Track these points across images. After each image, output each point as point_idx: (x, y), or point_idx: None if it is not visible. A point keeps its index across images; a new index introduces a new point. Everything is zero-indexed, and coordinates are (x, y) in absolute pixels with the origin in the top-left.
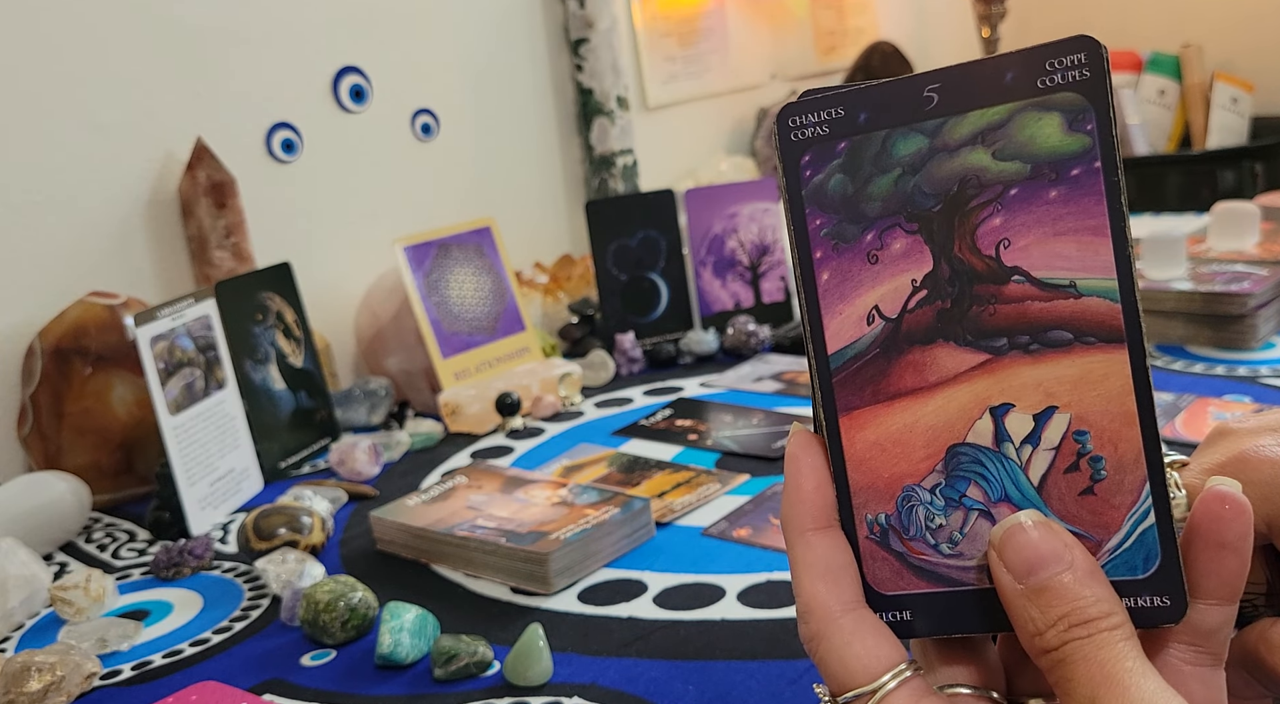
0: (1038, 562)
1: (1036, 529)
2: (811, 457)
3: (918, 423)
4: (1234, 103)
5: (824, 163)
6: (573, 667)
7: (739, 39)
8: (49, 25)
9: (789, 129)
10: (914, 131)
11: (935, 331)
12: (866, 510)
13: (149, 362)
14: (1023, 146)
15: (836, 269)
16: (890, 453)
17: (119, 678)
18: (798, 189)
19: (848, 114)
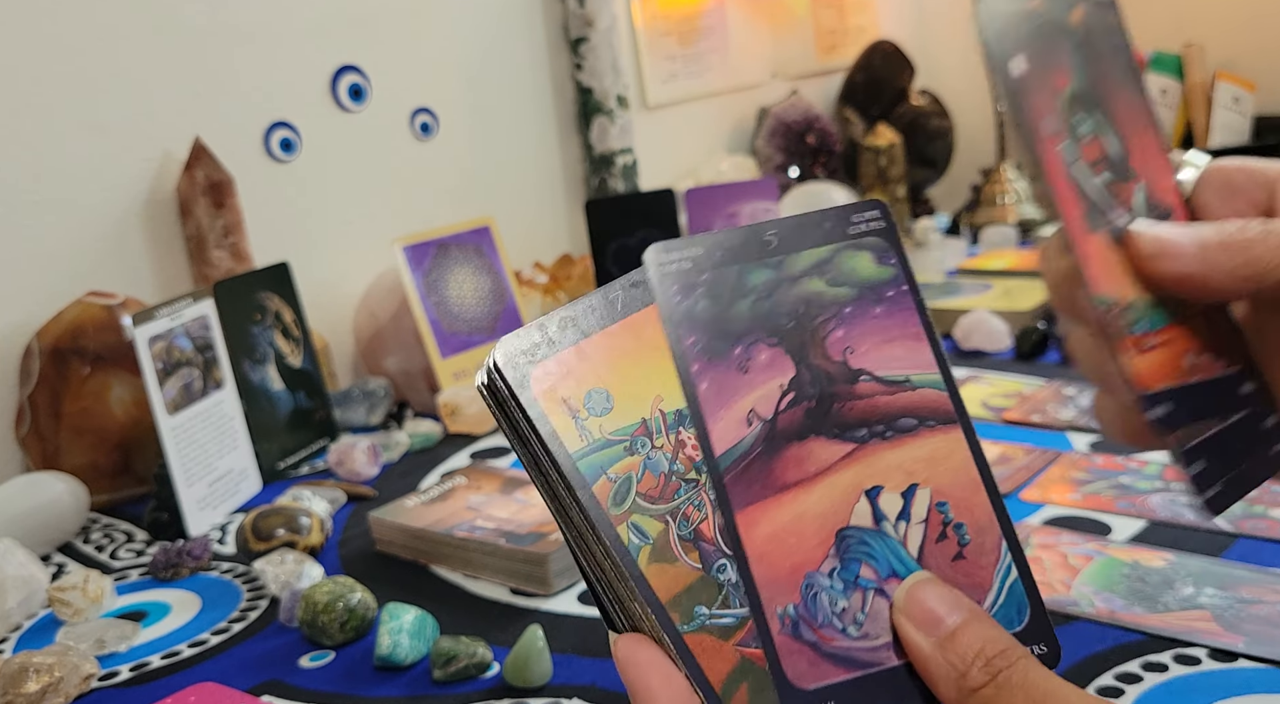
0: (943, 611)
1: (932, 584)
2: (646, 653)
3: (806, 512)
4: (1236, 102)
5: (691, 291)
6: (572, 668)
7: (739, 38)
8: (47, 25)
9: (659, 264)
10: (762, 266)
11: (807, 428)
12: (776, 604)
13: (147, 362)
14: (848, 275)
15: (713, 379)
16: (787, 543)
17: (117, 679)
18: (670, 313)
19: (706, 253)
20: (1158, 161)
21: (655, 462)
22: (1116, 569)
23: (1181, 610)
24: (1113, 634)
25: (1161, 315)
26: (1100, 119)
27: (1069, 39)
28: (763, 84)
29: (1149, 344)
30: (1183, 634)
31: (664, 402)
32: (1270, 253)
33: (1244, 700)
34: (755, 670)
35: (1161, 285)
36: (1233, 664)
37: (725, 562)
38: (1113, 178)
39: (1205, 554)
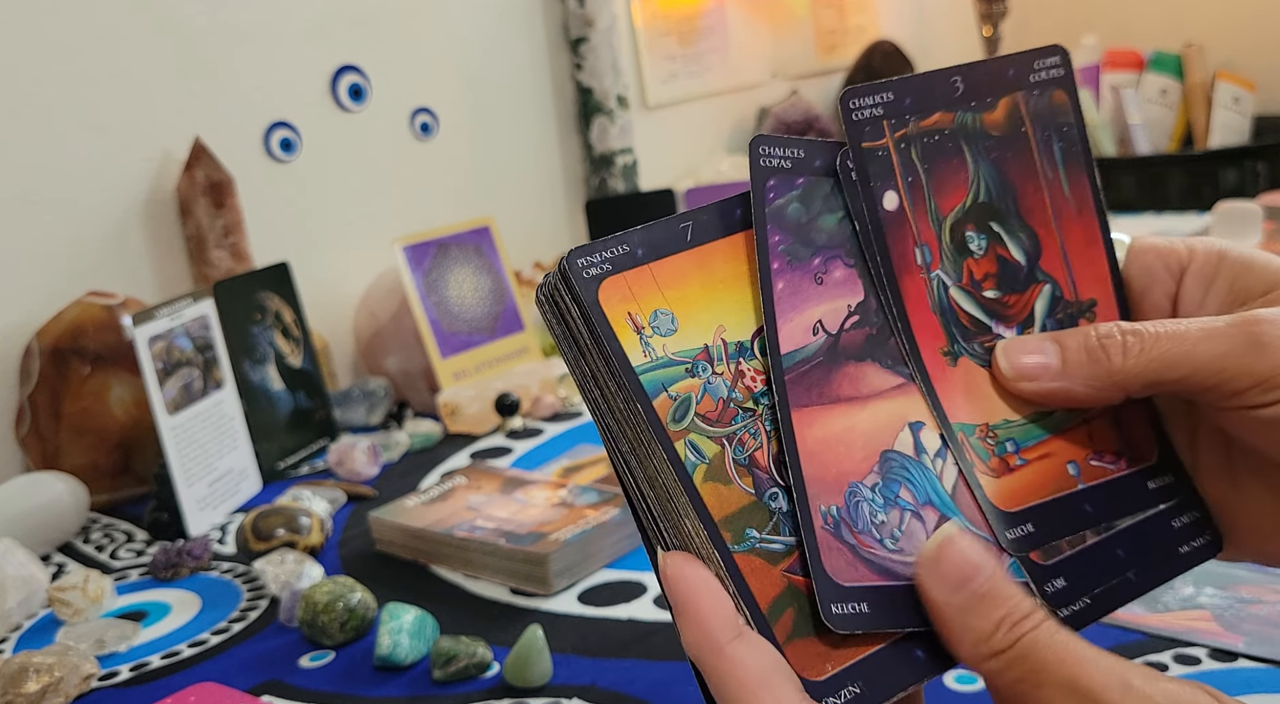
0: (971, 570)
1: (964, 539)
2: (695, 569)
3: (855, 427)
4: (1236, 102)
5: (785, 191)
6: (572, 668)
7: (739, 38)
8: (47, 25)
9: (758, 155)
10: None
11: (865, 352)
12: (820, 501)
13: (147, 362)
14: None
15: (789, 282)
16: (835, 450)
17: (117, 679)
18: (762, 207)
19: (806, 157)
20: (1086, 252)
21: (715, 387)
22: None
23: (1181, 610)
24: (1113, 634)
25: (1040, 429)
26: (1005, 225)
27: (977, 145)
28: (763, 84)
29: (1018, 463)
30: (1183, 634)
31: (726, 332)
32: (1132, 363)
33: (1244, 700)
34: (801, 598)
35: (1032, 403)
36: (1233, 664)
37: (777, 490)
38: (1007, 290)
39: None
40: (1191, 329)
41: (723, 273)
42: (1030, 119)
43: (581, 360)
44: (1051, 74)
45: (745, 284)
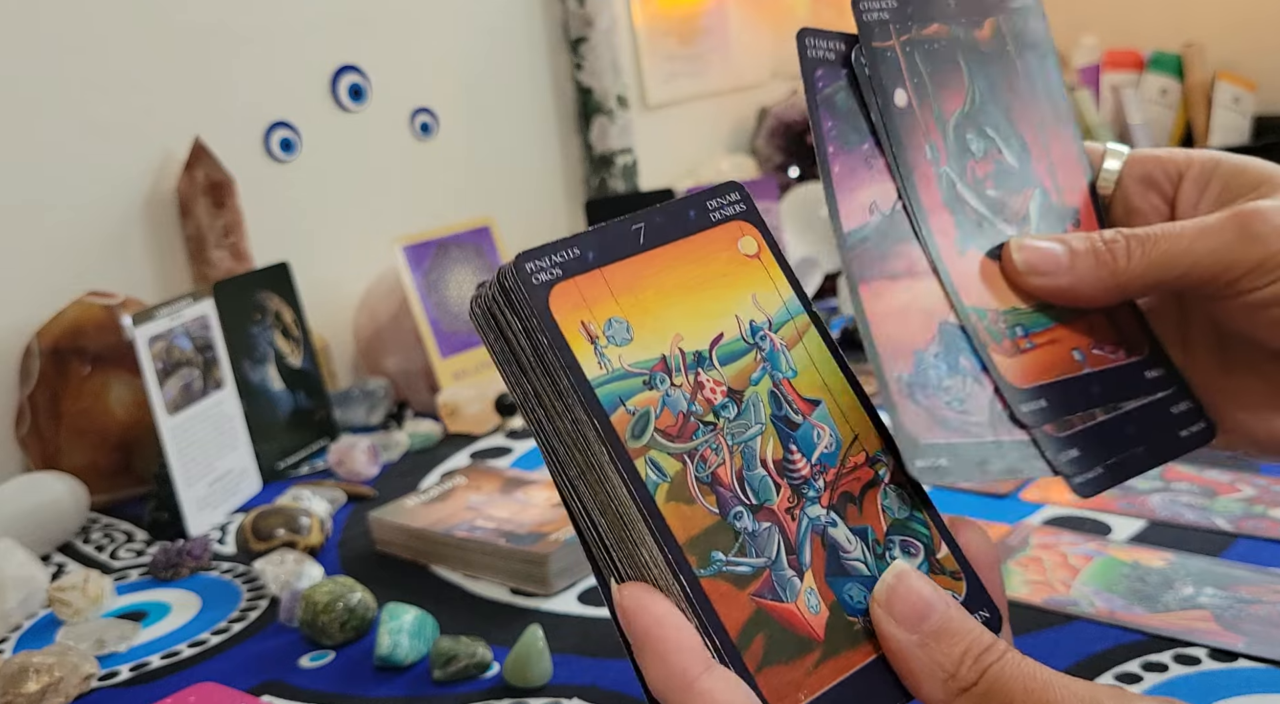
0: (926, 607)
1: (916, 576)
2: (655, 601)
3: (914, 300)
4: (1236, 102)
5: (831, 80)
6: (572, 668)
7: (739, 38)
8: (47, 24)
9: (806, 47)
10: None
11: (912, 231)
12: (892, 368)
13: (147, 362)
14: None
15: (845, 164)
16: (899, 321)
17: (117, 679)
18: (814, 94)
19: (849, 50)
20: (1067, 164)
21: (674, 400)
22: (1116, 569)
23: (1181, 610)
24: (1113, 634)
25: (1046, 318)
26: (1000, 131)
27: (971, 56)
28: (763, 84)
29: (1027, 346)
30: (1183, 634)
31: (684, 341)
32: (1135, 264)
33: (1244, 700)
34: (771, 623)
35: (1037, 297)
36: (1233, 664)
37: (742, 509)
38: (1005, 191)
39: (1205, 554)
40: (1187, 228)
41: (678, 277)
42: (1011, 39)
43: (524, 378)
44: (1024, 3)
45: (703, 289)
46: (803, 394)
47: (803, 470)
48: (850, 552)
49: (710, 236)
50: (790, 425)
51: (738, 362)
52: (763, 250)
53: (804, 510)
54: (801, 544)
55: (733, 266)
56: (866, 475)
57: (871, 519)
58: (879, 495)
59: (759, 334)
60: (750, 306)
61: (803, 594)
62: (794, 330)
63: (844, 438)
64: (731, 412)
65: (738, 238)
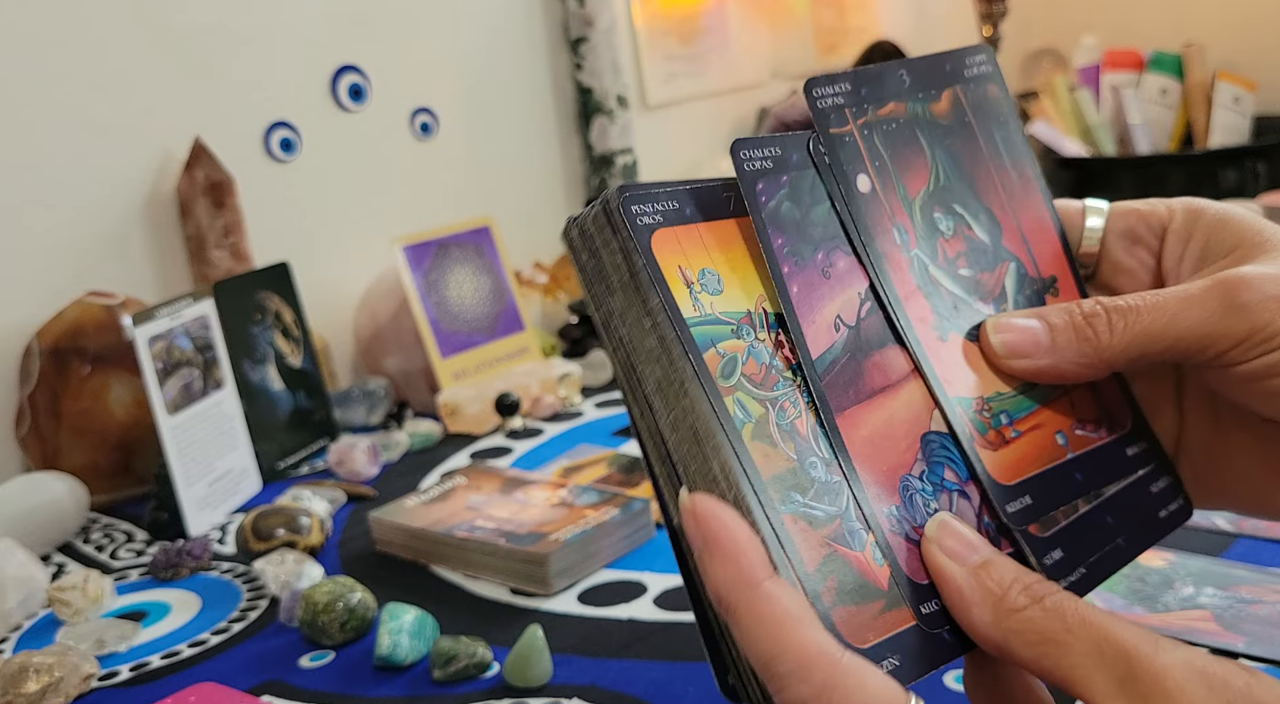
0: (974, 543)
1: (960, 522)
2: (724, 511)
3: (894, 416)
4: (1236, 102)
5: (774, 191)
6: (572, 668)
7: (739, 38)
8: (46, 24)
9: (741, 160)
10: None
11: (885, 336)
12: (881, 505)
13: (147, 362)
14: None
15: (802, 283)
16: (881, 447)
17: (117, 679)
18: (759, 213)
19: (784, 153)
20: (1039, 231)
21: (759, 351)
22: None
23: (1181, 610)
24: None
25: (1029, 400)
26: (967, 207)
27: (931, 132)
28: (763, 84)
29: (1012, 435)
30: (1183, 634)
31: (766, 302)
32: (1118, 340)
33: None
34: (843, 565)
35: (1020, 379)
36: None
37: (816, 459)
38: (978, 268)
39: (1205, 554)
40: (1170, 300)
41: (759, 249)
42: (971, 110)
43: (609, 298)
44: (981, 70)
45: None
46: None
47: None
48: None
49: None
50: None
51: None
52: None
53: None
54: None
55: None
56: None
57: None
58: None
59: None
60: None
61: (869, 546)
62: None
63: None
64: (809, 391)
65: None
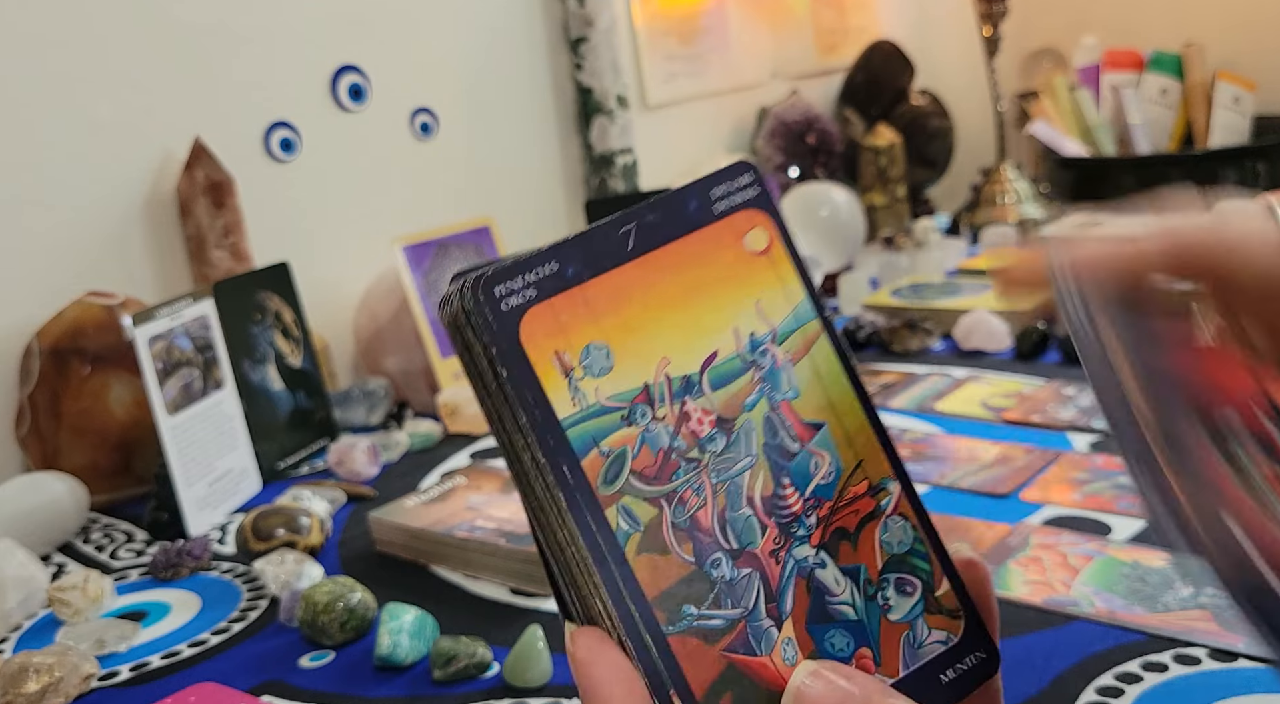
0: (846, 689)
1: (816, 680)
2: (608, 654)
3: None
4: (1236, 102)
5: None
6: None
7: (739, 38)
8: (45, 23)
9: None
10: None
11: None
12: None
13: (147, 362)
14: None
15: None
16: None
17: (117, 679)
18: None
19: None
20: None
21: (655, 435)
22: (1116, 569)
23: (1181, 610)
24: (1113, 634)
25: None
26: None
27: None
28: (763, 84)
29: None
30: (1182, 634)
31: (671, 365)
32: None
33: (1244, 700)
34: (741, 680)
35: None
36: (1233, 664)
37: (720, 555)
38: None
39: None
40: None
41: (671, 287)
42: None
43: (488, 399)
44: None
45: (700, 298)
46: (804, 417)
47: (794, 507)
48: (838, 595)
49: (713, 233)
50: (785, 455)
51: (732, 384)
52: (774, 245)
53: (790, 551)
54: (784, 591)
55: (737, 267)
56: (867, 507)
57: (866, 556)
58: (878, 529)
59: (759, 349)
60: (753, 315)
61: (779, 645)
62: (802, 340)
63: (845, 465)
64: (720, 444)
65: (745, 231)
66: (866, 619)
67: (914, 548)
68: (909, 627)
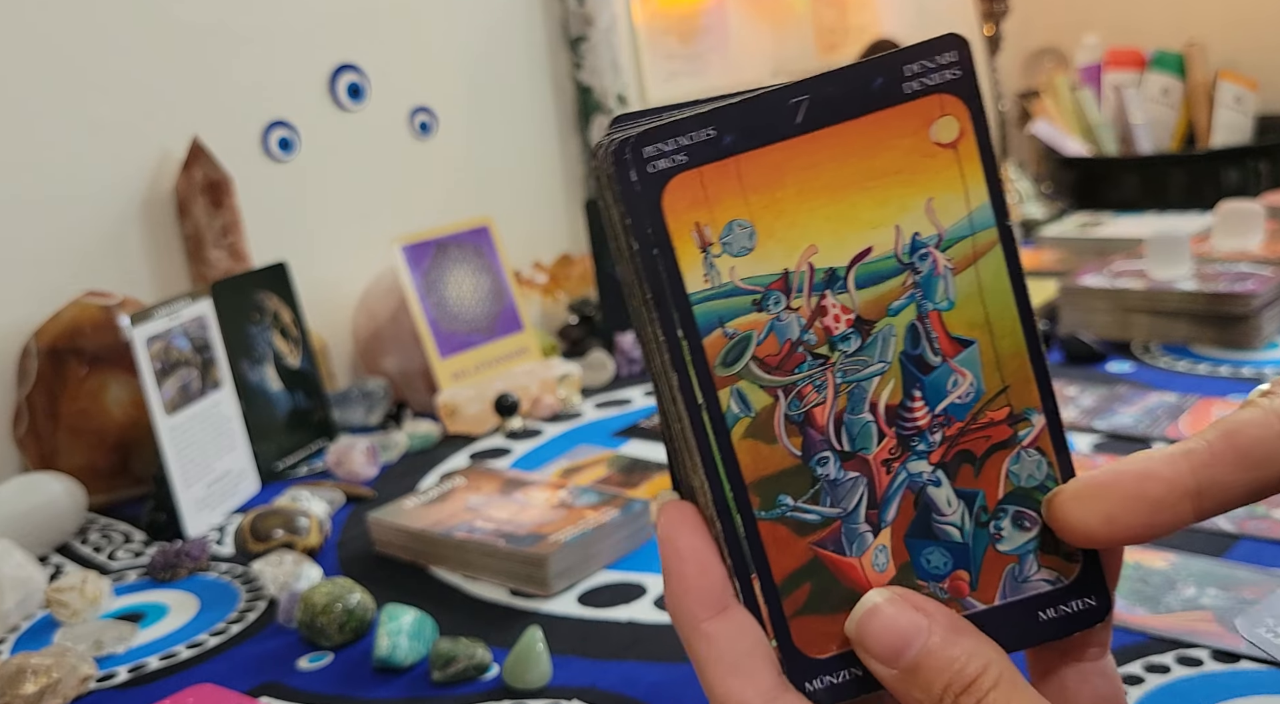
0: (901, 641)
1: (889, 607)
2: (687, 534)
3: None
4: (1238, 101)
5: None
6: (572, 670)
7: (739, 37)
8: (44, 23)
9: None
10: None
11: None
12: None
13: (144, 362)
14: None
15: None
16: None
17: (115, 680)
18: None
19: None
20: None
21: (785, 325)
22: None
23: (1183, 611)
24: (1116, 636)
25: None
26: None
27: None
28: (763, 83)
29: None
30: (1184, 635)
31: (818, 255)
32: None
33: (1246, 701)
34: (823, 574)
35: None
36: (1235, 665)
37: (829, 454)
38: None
39: (1207, 555)
40: None
41: (835, 172)
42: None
43: (620, 263)
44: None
45: (864, 188)
46: (952, 331)
47: (920, 421)
48: (946, 515)
49: (895, 115)
50: (923, 367)
51: (880, 285)
52: (964, 137)
53: (905, 464)
54: (889, 500)
55: (914, 158)
56: (1001, 435)
57: (988, 483)
58: (1008, 459)
59: (920, 252)
60: (921, 214)
61: (871, 551)
62: (971, 249)
63: (988, 388)
64: (852, 345)
65: (934, 118)
66: (972, 544)
67: (1044, 484)
68: (1017, 560)
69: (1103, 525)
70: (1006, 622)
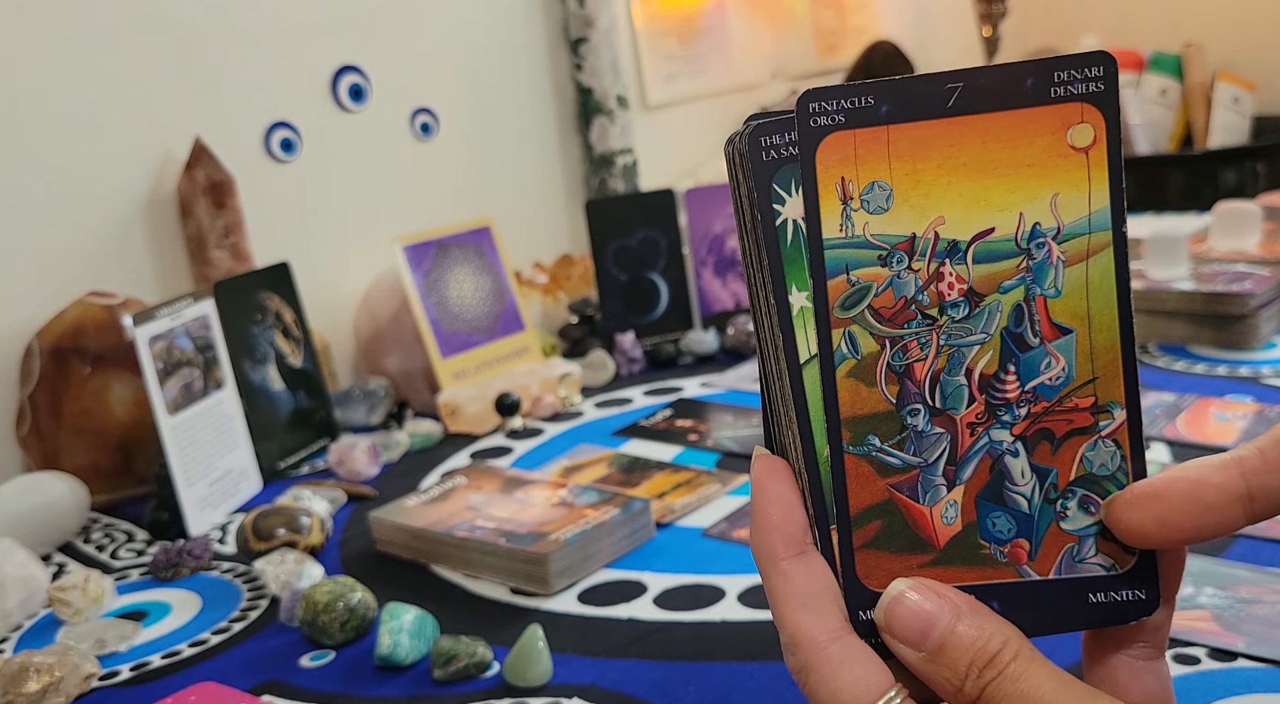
0: (925, 625)
1: (912, 593)
2: (776, 482)
3: None
4: (1235, 102)
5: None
6: (572, 668)
7: (739, 38)
8: (46, 23)
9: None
10: None
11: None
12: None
13: (147, 362)
14: None
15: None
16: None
17: (117, 679)
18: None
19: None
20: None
21: (903, 283)
22: None
23: (1181, 610)
24: None
25: None
26: None
27: None
28: (763, 84)
29: None
30: (1183, 634)
31: (944, 225)
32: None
33: (1244, 700)
34: (894, 514)
35: None
36: (1232, 664)
37: (920, 407)
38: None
39: (1205, 554)
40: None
41: (974, 155)
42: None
43: (750, 211)
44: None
45: (997, 174)
46: (1055, 318)
47: (1009, 393)
48: (1019, 485)
49: (1038, 115)
50: (1021, 345)
51: (996, 263)
52: (1097, 145)
53: (989, 430)
54: (968, 460)
55: (1048, 156)
56: (1082, 421)
57: (1062, 463)
58: (1085, 445)
59: (1037, 240)
60: (1044, 207)
61: (943, 504)
62: (1085, 247)
63: (1078, 376)
64: (960, 312)
65: (1073, 123)
66: (1037, 517)
67: (1114, 476)
68: (1077, 540)
69: (1155, 527)
70: (1058, 596)
